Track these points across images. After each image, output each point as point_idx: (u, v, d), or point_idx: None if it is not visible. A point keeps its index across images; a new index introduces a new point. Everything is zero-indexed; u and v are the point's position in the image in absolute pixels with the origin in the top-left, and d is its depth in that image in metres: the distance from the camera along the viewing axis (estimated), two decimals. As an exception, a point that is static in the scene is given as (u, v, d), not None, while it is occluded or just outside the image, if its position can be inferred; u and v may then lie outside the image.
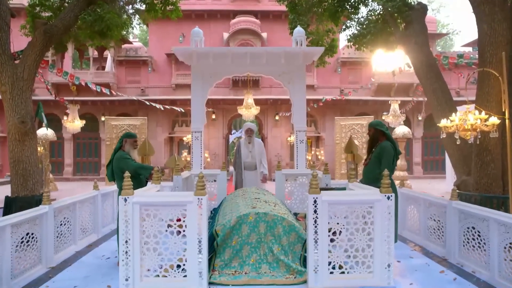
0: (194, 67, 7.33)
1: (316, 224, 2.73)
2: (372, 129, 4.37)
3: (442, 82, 7.78)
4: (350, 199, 2.80)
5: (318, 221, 2.74)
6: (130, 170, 4.15)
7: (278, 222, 3.35)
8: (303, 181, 6.01)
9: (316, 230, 2.73)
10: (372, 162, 4.26)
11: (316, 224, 2.74)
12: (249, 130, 6.44)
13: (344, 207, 2.82)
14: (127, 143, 4.31)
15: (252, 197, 4.14)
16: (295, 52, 7.23)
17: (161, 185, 3.76)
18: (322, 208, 2.75)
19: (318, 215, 2.74)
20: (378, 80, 18.34)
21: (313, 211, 2.74)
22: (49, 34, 7.12)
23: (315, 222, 2.74)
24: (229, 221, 3.33)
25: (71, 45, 17.16)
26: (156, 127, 18.13)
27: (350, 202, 2.81)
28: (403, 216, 5.37)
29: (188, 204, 2.74)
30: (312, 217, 2.75)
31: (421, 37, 8.03)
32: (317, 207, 2.74)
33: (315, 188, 2.76)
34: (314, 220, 2.74)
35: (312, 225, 2.73)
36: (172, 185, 4.92)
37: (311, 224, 2.74)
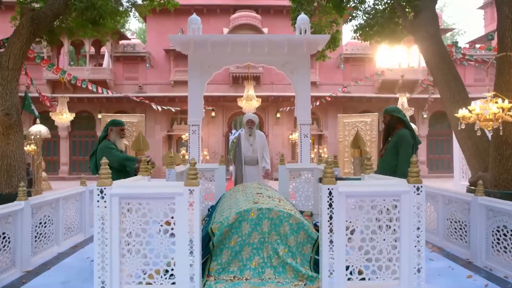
0: (191, 56, 6.88)
1: (331, 220, 2.27)
2: (387, 115, 3.90)
3: (455, 73, 7.32)
4: (371, 191, 2.33)
5: (334, 217, 2.28)
6: (114, 162, 3.70)
7: (284, 219, 2.89)
8: (308, 176, 5.55)
9: (332, 228, 2.27)
10: (388, 152, 3.79)
11: (332, 221, 2.27)
12: (250, 121, 5.96)
13: (365, 200, 2.36)
14: (113, 131, 3.86)
15: (253, 192, 3.68)
16: (299, 40, 6.77)
17: (150, 178, 3.31)
18: (339, 201, 2.29)
19: (333, 210, 2.27)
20: (382, 77, 17.86)
21: (328, 205, 2.28)
22: (37, 21, 6.67)
23: (330, 218, 2.27)
24: (227, 218, 2.86)
25: (66, 40, 16.75)
26: (154, 124, 17.66)
27: (372, 194, 2.34)
28: (418, 214, 4.89)
29: (177, 196, 2.27)
30: (326, 213, 2.28)
31: (432, 25, 7.57)
32: (333, 200, 2.27)
33: (330, 178, 2.29)
34: (329, 216, 2.27)
35: (327, 222, 2.27)
36: (165, 180, 4.45)
37: (325, 221, 2.27)
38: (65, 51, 17.16)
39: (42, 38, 10.40)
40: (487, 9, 23.47)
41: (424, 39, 7.53)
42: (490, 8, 22.88)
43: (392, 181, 2.45)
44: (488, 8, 23.16)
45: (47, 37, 10.35)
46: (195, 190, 2.27)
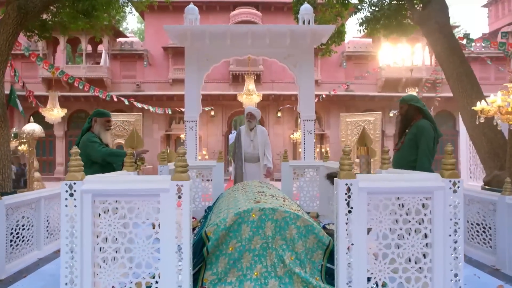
0: (188, 49, 6.47)
1: (349, 222, 1.86)
2: (404, 105, 3.49)
3: (467, 66, 6.93)
4: (398, 186, 1.92)
5: (353, 218, 1.87)
6: (98, 157, 3.30)
7: (291, 221, 2.48)
8: (312, 174, 5.14)
9: (350, 232, 1.86)
10: (405, 146, 3.38)
11: (350, 223, 1.86)
12: (250, 114, 5.54)
13: (390, 198, 1.95)
14: (97, 123, 3.45)
15: (254, 191, 3.27)
16: (302, 31, 6.36)
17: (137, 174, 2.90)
18: (359, 199, 1.88)
19: (352, 210, 1.86)
20: (385, 75, 17.47)
21: (346, 204, 1.87)
22: (24, 11, 6.27)
23: (348, 220, 1.86)
24: (224, 220, 2.46)
25: (62, 38, 16.36)
26: (152, 124, 17.26)
27: (399, 191, 1.93)
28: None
29: (163, 193, 1.87)
30: (343, 213, 1.88)
31: (442, 16, 7.18)
32: (352, 198, 1.86)
33: (347, 171, 1.89)
34: (346, 217, 1.87)
35: (344, 224, 1.86)
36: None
37: (342, 224, 1.87)
38: (61, 49, 16.77)
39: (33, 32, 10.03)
40: (491, 7, 23.10)
41: (433, 31, 7.14)
42: (494, 6, 22.54)
43: (422, 175, 2.04)
44: (492, 6, 22.80)
45: (38, 31, 9.97)
46: (185, 186, 1.86)
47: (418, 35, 17.29)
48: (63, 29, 9.76)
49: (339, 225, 1.89)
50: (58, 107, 11.55)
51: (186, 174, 1.89)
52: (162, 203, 1.88)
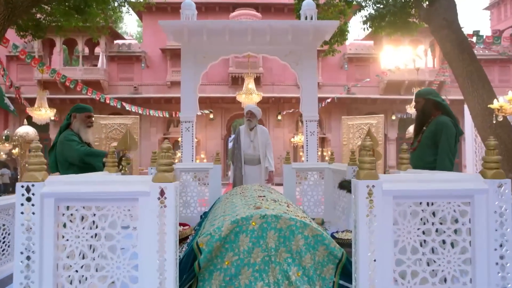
0: (184, 46, 6.14)
1: (371, 234, 1.51)
2: (421, 99, 3.13)
3: (477, 64, 6.61)
4: (430, 189, 1.57)
5: (376, 228, 1.52)
6: (75, 158, 2.94)
7: (297, 230, 2.12)
8: (316, 178, 4.78)
9: (372, 245, 1.51)
10: (423, 145, 3.03)
11: (373, 234, 1.51)
12: (250, 112, 5.19)
13: (420, 203, 1.60)
14: (77, 119, 3.10)
15: (254, 195, 2.91)
16: (304, 27, 6.03)
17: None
18: (384, 204, 1.53)
19: (375, 218, 1.51)
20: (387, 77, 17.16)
21: (367, 211, 1.52)
22: (12, 5, 5.97)
23: (369, 230, 1.51)
24: (219, 228, 2.10)
25: (59, 39, 16.07)
26: (150, 127, 16.93)
27: (431, 195, 1.58)
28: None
29: (141, 197, 1.52)
30: (364, 222, 1.52)
31: (450, 13, 6.87)
32: (374, 204, 1.51)
33: (369, 170, 1.54)
34: (367, 227, 1.51)
35: (366, 236, 1.50)
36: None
37: (364, 234, 1.51)
38: (57, 50, 16.47)
39: (27, 32, 9.74)
40: (493, 10, 22.88)
41: (441, 28, 6.83)
42: (497, 9, 22.32)
43: (459, 175, 1.69)
44: (495, 8, 22.58)
45: (32, 31, 9.68)
46: (169, 188, 1.51)
47: (420, 37, 17.04)
48: (58, 28, 9.46)
49: (359, 237, 1.53)
50: (46, 106, 11.13)
51: (171, 174, 1.54)
52: (141, 210, 1.53)
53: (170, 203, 1.51)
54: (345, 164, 4.29)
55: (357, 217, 1.54)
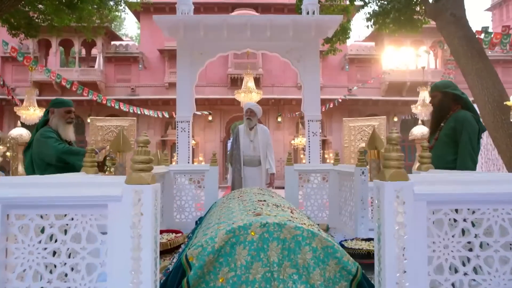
0: (180, 42, 5.84)
1: (401, 247, 1.20)
2: (438, 93, 2.83)
3: (486, 61, 6.31)
4: (475, 192, 1.26)
5: (406, 242, 1.20)
6: (52, 157, 2.63)
7: (304, 241, 1.80)
8: (320, 180, 4.47)
9: (401, 262, 1.19)
10: (441, 144, 2.72)
11: (402, 250, 1.20)
12: (250, 111, 4.88)
13: (461, 210, 1.29)
14: (55, 115, 2.78)
15: (254, 199, 2.60)
16: (306, 22, 5.73)
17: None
18: (415, 211, 1.22)
19: (405, 227, 1.20)
20: (389, 79, 16.90)
21: (395, 220, 1.20)
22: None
23: (398, 244, 1.20)
24: (212, 239, 1.78)
25: (55, 40, 15.80)
26: (148, 129, 16.60)
27: (473, 200, 1.27)
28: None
29: (112, 203, 1.20)
30: (391, 233, 1.21)
31: (458, 8, 6.59)
32: (404, 210, 1.20)
33: (397, 169, 1.23)
34: (396, 240, 1.20)
35: (393, 249, 1.19)
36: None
37: (391, 248, 1.20)
38: (53, 51, 16.19)
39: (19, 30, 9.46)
40: (495, 11, 22.68)
41: (449, 24, 6.54)
42: (499, 10, 22.11)
43: (505, 176, 1.38)
44: (496, 9, 22.37)
45: (24, 29, 9.41)
46: (146, 192, 1.20)
47: (423, 38, 16.79)
48: (51, 27, 9.18)
49: (385, 253, 1.22)
50: (35, 106, 10.78)
51: (149, 174, 1.23)
52: (111, 219, 1.22)
53: (148, 210, 1.19)
54: (352, 165, 3.98)
55: (382, 228, 1.23)
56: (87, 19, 9.12)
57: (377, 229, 1.29)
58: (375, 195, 1.30)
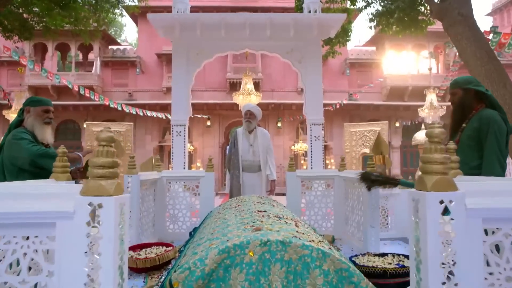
0: (176, 42, 5.57)
1: (449, 279, 0.88)
2: (458, 90, 2.53)
3: (496, 62, 6.04)
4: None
5: (455, 270, 0.89)
6: (24, 160, 2.32)
7: (313, 262, 1.49)
8: (324, 188, 4.16)
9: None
10: (463, 146, 2.42)
11: (450, 279, 0.89)
12: (249, 113, 4.58)
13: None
14: (31, 114, 2.48)
15: (253, 209, 2.29)
16: (308, 21, 5.47)
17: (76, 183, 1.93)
18: (468, 231, 0.91)
19: (456, 254, 0.88)
20: (390, 83, 16.65)
21: (441, 241, 0.89)
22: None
23: (445, 272, 0.88)
24: (201, 260, 1.47)
25: (51, 44, 15.56)
26: (145, 134, 16.30)
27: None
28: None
29: (61, 221, 0.90)
30: (436, 260, 0.90)
31: (465, 7, 6.34)
32: (453, 229, 0.89)
33: (442, 175, 0.92)
34: (441, 266, 0.89)
35: (439, 280, 0.88)
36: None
37: (435, 280, 0.89)
38: (49, 55, 15.94)
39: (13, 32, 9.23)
40: (496, 16, 22.55)
41: (456, 24, 6.28)
42: (499, 15, 21.98)
43: None
44: (497, 14, 22.24)
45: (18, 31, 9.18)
46: (107, 206, 0.89)
47: (424, 42, 16.58)
48: (46, 29, 8.95)
49: (429, 282, 0.91)
50: (25, 108, 10.47)
51: (112, 183, 0.92)
52: (59, 242, 0.91)
53: (108, 231, 0.89)
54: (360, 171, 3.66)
55: (424, 253, 0.92)
56: (83, 22, 8.90)
57: (414, 255, 0.97)
58: (411, 209, 0.99)
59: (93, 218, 0.89)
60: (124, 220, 0.95)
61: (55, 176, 1.80)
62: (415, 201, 0.97)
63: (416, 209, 0.97)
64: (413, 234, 0.98)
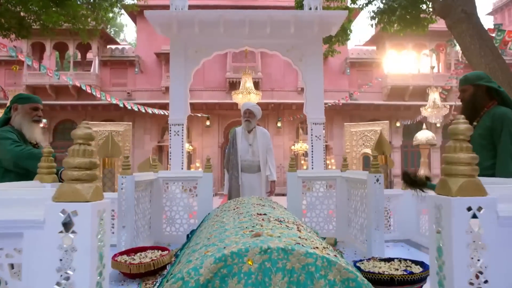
0: (174, 39, 5.45)
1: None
2: (469, 87, 2.41)
3: (501, 60, 5.94)
4: None
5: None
6: (8, 161, 2.20)
7: (318, 271, 1.37)
8: (326, 189, 4.03)
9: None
10: (475, 146, 2.26)
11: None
12: (248, 111, 4.46)
13: None
14: (19, 111, 2.36)
15: (252, 212, 2.16)
16: (309, 18, 5.35)
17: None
18: (501, 242, 0.79)
19: (487, 268, 0.76)
20: (391, 83, 16.54)
21: (469, 254, 0.77)
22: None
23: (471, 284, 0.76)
24: (195, 270, 1.35)
25: (49, 43, 15.44)
26: (144, 134, 16.18)
27: None
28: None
29: (28, 230, 0.77)
30: (463, 276, 0.77)
31: (469, 4, 6.22)
32: (483, 241, 0.77)
33: (470, 177, 0.80)
34: (469, 283, 0.77)
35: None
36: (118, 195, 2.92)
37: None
38: (47, 55, 15.81)
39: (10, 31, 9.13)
40: (496, 15, 22.45)
41: (460, 21, 6.17)
42: (500, 14, 21.89)
43: None
44: (498, 14, 22.15)
45: (15, 29, 9.07)
46: (83, 213, 0.77)
47: (425, 41, 16.47)
48: (43, 27, 8.84)
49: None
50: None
51: (90, 187, 0.80)
52: (27, 255, 0.79)
53: (84, 243, 0.76)
54: (362, 171, 3.55)
55: (448, 268, 0.80)
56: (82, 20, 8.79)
57: (436, 269, 0.85)
58: (432, 217, 0.87)
59: (67, 228, 0.77)
60: (104, 230, 0.82)
61: (40, 178, 1.67)
62: (437, 208, 0.85)
63: (438, 216, 0.84)
64: (435, 246, 0.85)
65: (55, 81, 14.78)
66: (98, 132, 14.09)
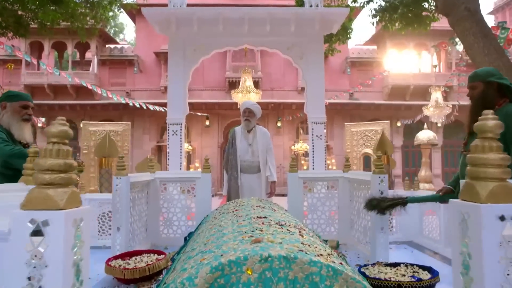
0: (172, 37, 5.36)
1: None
2: (479, 83, 2.31)
3: (505, 59, 5.84)
4: None
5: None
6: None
7: (323, 282, 1.27)
8: (327, 189, 3.93)
9: None
10: (484, 145, 2.20)
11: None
12: (248, 110, 4.36)
13: None
14: (8, 109, 2.26)
15: (252, 215, 2.06)
16: (310, 15, 5.27)
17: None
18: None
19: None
20: (391, 82, 16.44)
21: (504, 270, 0.66)
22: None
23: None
24: (190, 280, 1.24)
25: (47, 42, 15.33)
26: (143, 134, 16.07)
27: None
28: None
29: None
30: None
31: (472, 2, 6.12)
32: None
33: (501, 181, 0.69)
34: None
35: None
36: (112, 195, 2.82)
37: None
38: (45, 54, 15.70)
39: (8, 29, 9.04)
40: (497, 15, 22.36)
41: (463, 19, 6.07)
42: (501, 13, 21.80)
43: None
44: (499, 13, 22.05)
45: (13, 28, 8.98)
46: (56, 224, 0.66)
47: (426, 41, 16.37)
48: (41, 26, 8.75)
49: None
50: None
51: (64, 192, 0.69)
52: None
53: (56, 257, 0.66)
54: (364, 172, 3.45)
55: (478, 285, 0.69)
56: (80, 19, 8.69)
57: (462, 284, 0.75)
58: (456, 225, 0.76)
59: (36, 240, 0.66)
60: (82, 241, 0.72)
61: (25, 179, 1.57)
62: (462, 215, 0.74)
63: (464, 225, 0.74)
64: (460, 259, 0.75)
65: (54, 81, 14.67)
66: (96, 132, 14.00)
